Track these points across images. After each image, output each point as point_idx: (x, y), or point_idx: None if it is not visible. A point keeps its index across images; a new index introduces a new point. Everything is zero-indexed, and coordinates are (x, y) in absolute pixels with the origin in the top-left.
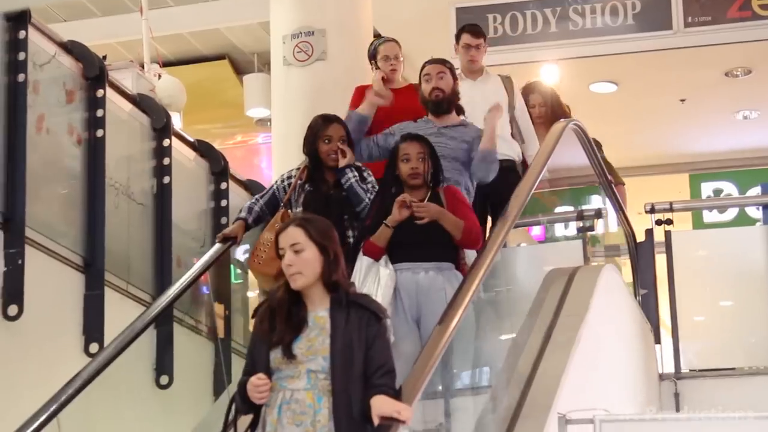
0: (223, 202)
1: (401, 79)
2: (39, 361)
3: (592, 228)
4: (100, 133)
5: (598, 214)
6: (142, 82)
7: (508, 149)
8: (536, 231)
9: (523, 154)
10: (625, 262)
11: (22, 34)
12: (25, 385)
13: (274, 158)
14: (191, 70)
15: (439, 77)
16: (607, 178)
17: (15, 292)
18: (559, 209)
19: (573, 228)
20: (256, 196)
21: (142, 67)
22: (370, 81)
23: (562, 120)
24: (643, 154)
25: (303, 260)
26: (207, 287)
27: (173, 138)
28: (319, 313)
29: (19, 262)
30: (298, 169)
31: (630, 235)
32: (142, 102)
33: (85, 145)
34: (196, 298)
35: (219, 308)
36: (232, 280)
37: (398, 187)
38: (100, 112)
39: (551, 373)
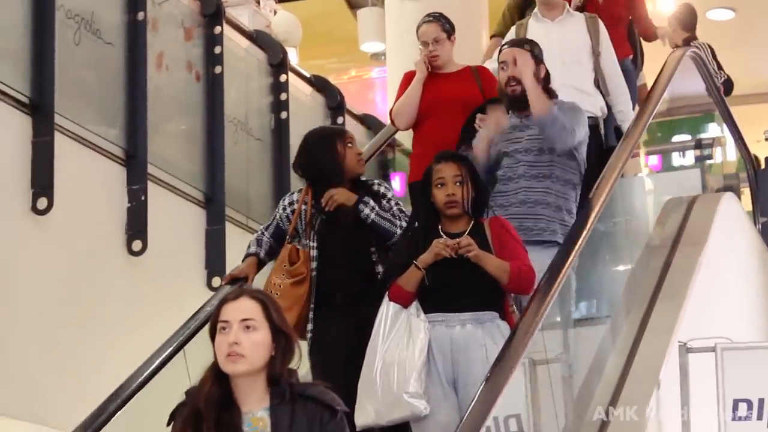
0: None
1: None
2: (163, 295)
3: (710, 156)
4: (218, 69)
5: (717, 142)
6: (258, 18)
7: (589, 105)
8: (653, 160)
9: (610, 108)
10: (744, 191)
11: None
12: (150, 318)
13: (389, 93)
14: (305, 6)
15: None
16: (726, 107)
17: (139, 228)
18: (676, 138)
19: (690, 157)
20: (261, 228)
21: (258, 3)
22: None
23: (679, 47)
24: (761, 81)
25: (253, 342)
26: None
27: (290, 73)
28: (257, 413)
29: (142, 198)
30: (300, 191)
31: (749, 162)
32: (258, 38)
33: (203, 81)
34: None
35: None
36: None
37: (433, 216)
38: (217, 49)
39: (671, 303)
